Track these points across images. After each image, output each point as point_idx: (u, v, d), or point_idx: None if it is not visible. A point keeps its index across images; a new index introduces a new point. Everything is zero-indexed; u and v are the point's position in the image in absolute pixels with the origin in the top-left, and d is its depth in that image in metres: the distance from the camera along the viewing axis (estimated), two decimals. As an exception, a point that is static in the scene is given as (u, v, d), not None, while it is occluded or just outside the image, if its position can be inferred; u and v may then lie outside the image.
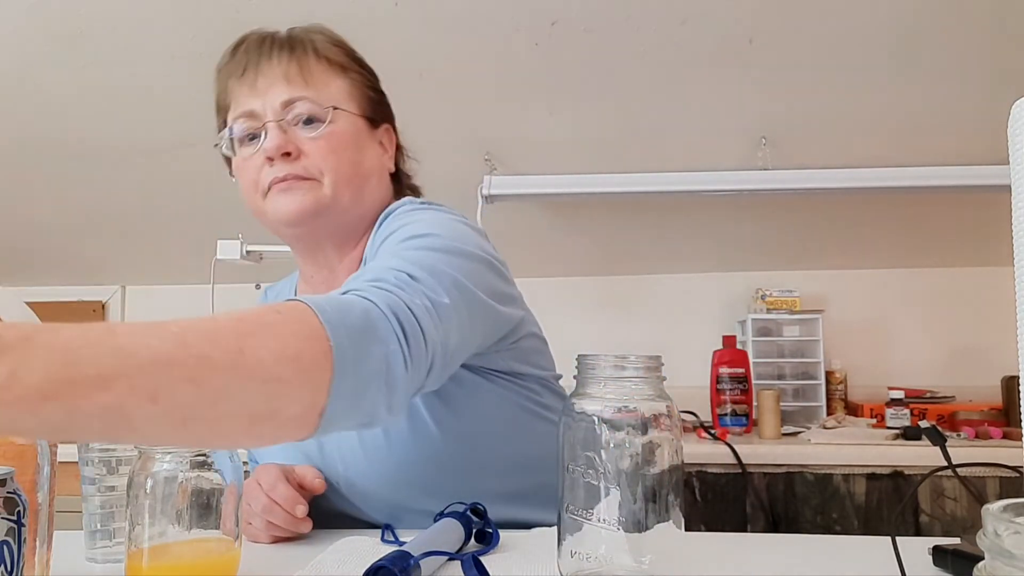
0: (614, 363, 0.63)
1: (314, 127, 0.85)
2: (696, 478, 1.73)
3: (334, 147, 0.85)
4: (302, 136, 0.84)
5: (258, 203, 0.87)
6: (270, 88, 0.85)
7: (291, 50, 0.87)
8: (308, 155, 0.84)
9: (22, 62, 1.86)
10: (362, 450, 0.85)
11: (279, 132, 0.83)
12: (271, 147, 0.83)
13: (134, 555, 0.61)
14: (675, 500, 0.63)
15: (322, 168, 0.84)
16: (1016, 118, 0.49)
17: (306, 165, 0.84)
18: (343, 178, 0.85)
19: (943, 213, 2.16)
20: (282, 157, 0.83)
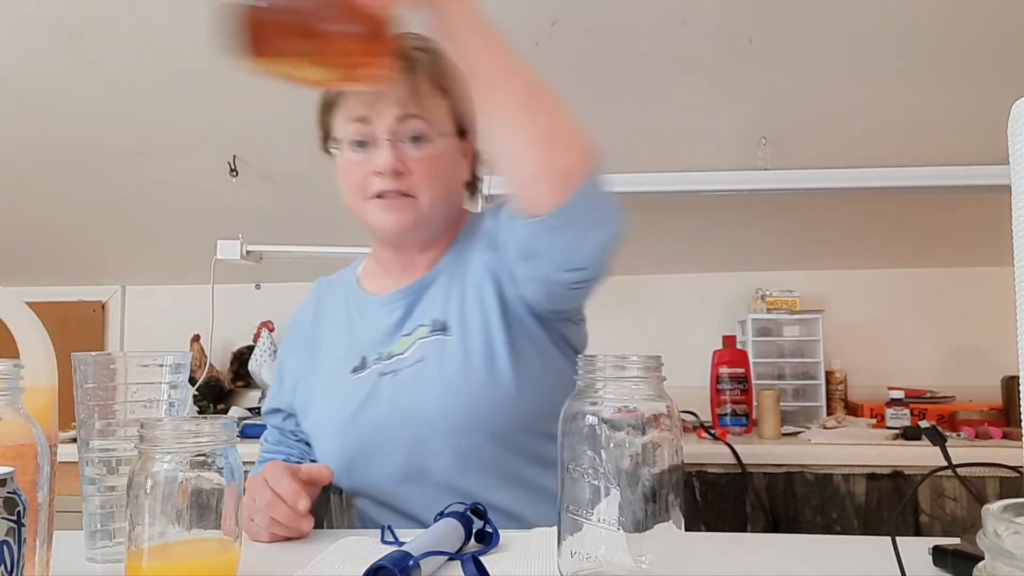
0: (614, 363, 0.63)
1: (420, 146, 0.94)
2: (696, 478, 1.73)
3: (435, 167, 0.95)
4: (409, 154, 0.94)
5: (359, 204, 0.96)
6: (387, 105, 0.93)
7: (409, 70, 0.94)
8: (412, 173, 0.94)
9: (22, 62, 1.86)
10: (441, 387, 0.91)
11: (391, 150, 0.92)
12: (384, 165, 0.92)
13: (134, 555, 0.61)
14: (675, 500, 0.63)
15: (422, 187, 0.94)
16: (1016, 118, 0.49)
17: (409, 183, 0.94)
18: (438, 196, 0.96)
19: (943, 213, 2.16)
20: (391, 173, 0.93)
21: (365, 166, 0.94)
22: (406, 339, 0.97)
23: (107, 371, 0.74)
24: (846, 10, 1.68)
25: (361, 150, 0.95)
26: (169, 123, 2.03)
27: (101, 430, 0.74)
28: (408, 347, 0.96)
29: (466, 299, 0.96)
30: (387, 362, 0.97)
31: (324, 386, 1.01)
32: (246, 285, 2.57)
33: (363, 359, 0.99)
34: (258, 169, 2.15)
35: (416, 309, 0.99)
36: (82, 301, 2.67)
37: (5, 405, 0.58)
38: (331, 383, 1.00)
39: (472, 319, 0.94)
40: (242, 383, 2.50)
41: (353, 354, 1.00)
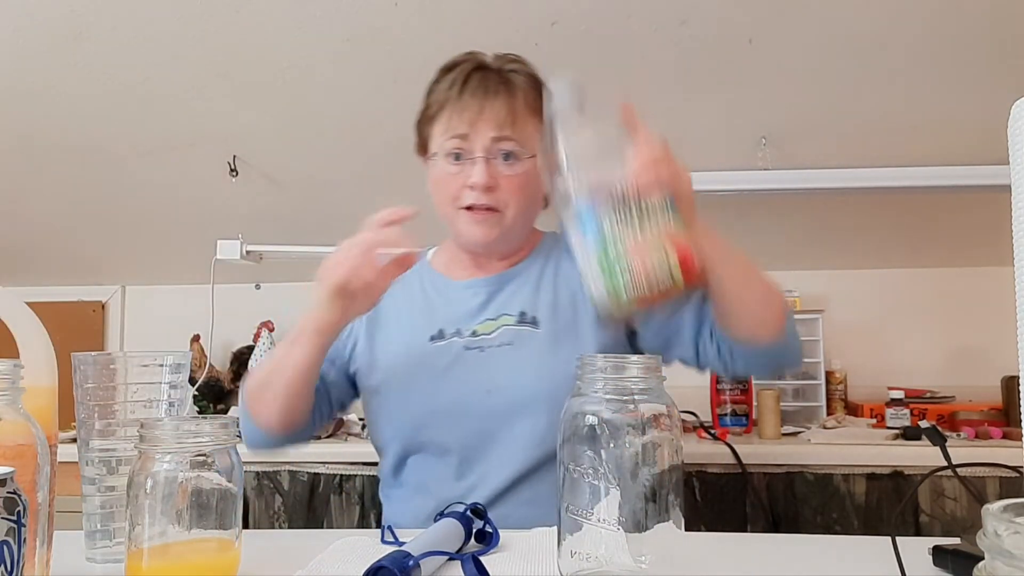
0: (614, 363, 0.63)
1: (511, 164, 1.03)
2: (696, 478, 1.73)
3: (522, 185, 1.04)
4: (501, 171, 1.03)
5: (450, 212, 1.06)
6: (486, 125, 1.02)
7: (508, 92, 1.04)
8: (501, 188, 1.03)
9: (22, 62, 1.86)
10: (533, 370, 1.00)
11: (486, 167, 1.02)
12: (478, 181, 1.01)
13: (134, 555, 0.61)
14: (675, 500, 0.63)
15: (509, 202, 1.04)
16: (1016, 118, 0.49)
17: (498, 197, 1.03)
18: (521, 212, 1.05)
19: (943, 213, 2.16)
20: (484, 189, 1.02)
21: (459, 179, 1.03)
22: (491, 322, 1.06)
23: (107, 371, 0.74)
24: (846, 11, 1.68)
25: (456, 163, 1.04)
26: (169, 123, 2.03)
27: (101, 430, 0.74)
28: (494, 330, 1.05)
29: (558, 302, 1.06)
30: (471, 339, 1.04)
31: (397, 347, 1.07)
32: (246, 285, 2.57)
33: (441, 330, 1.06)
34: (258, 169, 2.15)
35: (498, 297, 1.08)
36: (82, 301, 2.67)
37: (5, 405, 0.58)
38: (407, 346, 1.06)
39: (563, 320, 1.04)
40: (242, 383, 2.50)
41: (431, 325, 1.07)
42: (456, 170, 1.04)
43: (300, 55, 1.83)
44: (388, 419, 1.05)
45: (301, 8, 1.71)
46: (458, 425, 1.00)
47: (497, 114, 1.02)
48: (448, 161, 1.04)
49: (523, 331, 1.04)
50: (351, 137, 2.05)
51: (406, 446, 1.04)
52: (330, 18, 1.73)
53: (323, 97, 1.94)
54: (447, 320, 1.07)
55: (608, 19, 1.72)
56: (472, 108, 1.03)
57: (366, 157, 2.10)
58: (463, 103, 1.03)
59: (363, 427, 2.03)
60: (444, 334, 1.06)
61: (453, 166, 1.04)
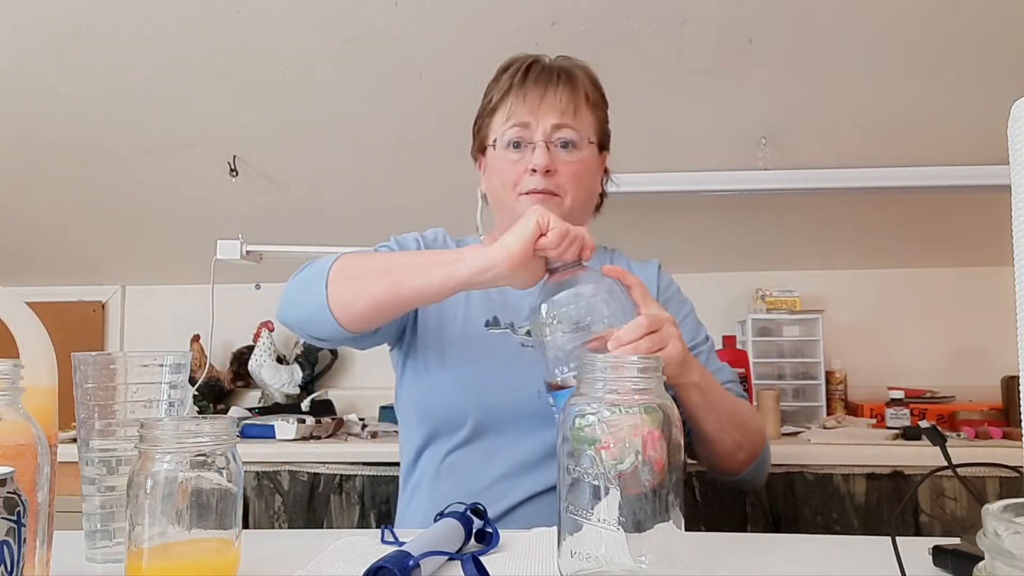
0: (614, 363, 0.63)
1: (570, 151, 1.05)
2: (696, 478, 1.73)
3: (580, 172, 1.06)
4: (560, 157, 1.05)
5: (510, 198, 1.06)
6: (548, 112, 1.04)
7: (569, 82, 1.07)
8: (560, 174, 1.05)
9: (22, 62, 1.86)
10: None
11: (546, 151, 1.03)
12: (540, 164, 1.03)
13: (134, 555, 0.61)
14: (675, 500, 0.63)
15: (568, 187, 1.05)
16: (1016, 118, 0.49)
17: (558, 182, 1.05)
18: (579, 199, 1.07)
19: (943, 213, 2.16)
20: (544, 172, 1.03)
21: (520, 164, 1.05)
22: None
23: (107, 371, 0.74)
24: (846, 10, 1.68)
25: (516, 150, 1.06)
26: (169, 123, 2.03)
27: (101, 430, 0.74)
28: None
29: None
30: (526, 338, 1.06)
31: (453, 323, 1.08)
32: (246, 285, 2.57)
33: (495, 318, 1.08)
34: (258, 169, 2.15)
35: None
36: (82, 301, 2.67)
37: (5, 405, 0.58)
38: (463, 326, 1.07)
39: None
40: (242, 383, 2.50)
41: (487, 310, 1.08)
42: (516, 157, 1.05)
43: (300, 55, 1.83)
44: (433, 397, 1.05)
45: (301, 8, 1.71)
46: (502, 419, 1.01)
47: (559, 102, 1.04)
48: (508, 149, 1.06)
49: None
50: (351, 137, 2.05)
51: (438, 427, 1.04)
52: (330, 18, 1.73)
53: (323, 97, 1.94)
54: (502, 310, 1.08)
55: (608, 19, 1.72)
56: (534, 95, 1.04)
57: (366, 157, 2.10)
58: (525, 90, 1.05)
59: (363, 427, 2.03)
60: (499, 322, 1.07)
61: (513, 153, 1.06)
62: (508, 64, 1.12)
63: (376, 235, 2.02)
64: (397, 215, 2.23)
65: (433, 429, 1.05)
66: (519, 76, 1.07)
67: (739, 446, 1.02)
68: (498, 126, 1.08)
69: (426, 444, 1.07)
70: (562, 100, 1.04)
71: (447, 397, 1.04)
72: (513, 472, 1.00)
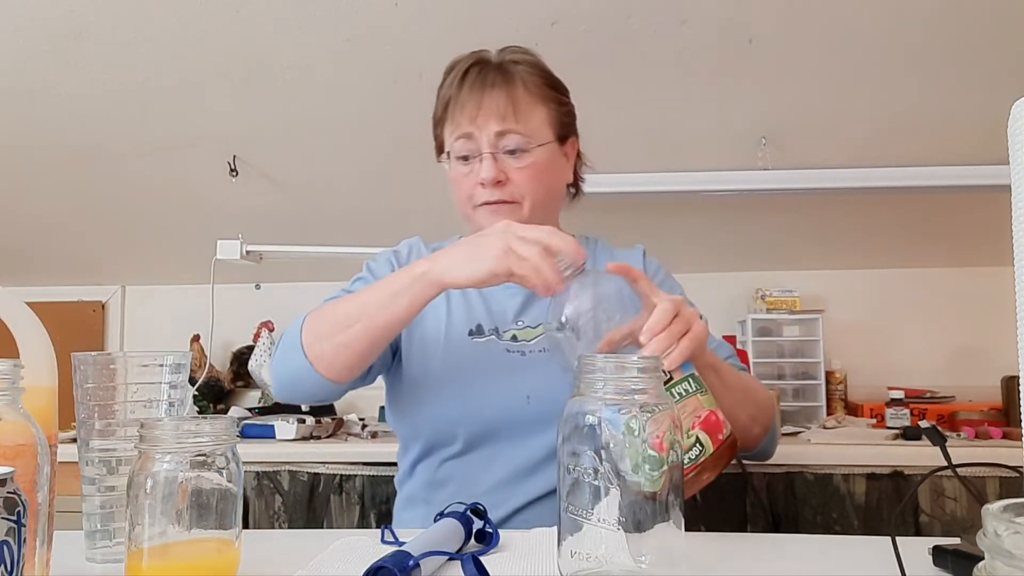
0: (614, 363, 0.63)
1: (519, 157, 1.02)
2: (696, 478, 1.73)
3: (535, 175, 1.03)
4: (510, 165, 1.02)
5: (468, 211, 1.05)
6: (487, 120, 1.01)
7: (505, 83, 1.02)
8: (514, 182, 1.02)
9: (22, 62, 1.86)
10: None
11: (492, 163, 1.01)
12: (488, 178, 1.00)
13: (134, 555, 0.61)
14: (675, 500, 0.63)
15: (524, 193, 1.03)
16: (1016, 118, 0.49)
17: (511, 191, 1.02)
18: (539, 202, 1.04)
19: (943, 213, 2.16)
20: (493, 184, 1.01)
21: (471, 178, 1.03)
22: (531, 330, 1.05)
23: (107, 371, 0.74)
24: (846, 11, 1.68)
25: (466, 163, 1.04)
26: (169, 123, 2.03)
27: (101, 430, 0.74)
28: (533, 337, 1.04)
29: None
30: (511, 343, 1.04)
31: (435, 335, 1.05)
32: (246, 285, 2.57)
33: (479, 325, 1.05)
34: (258, 169, 2.15)
35: (536, 303, 1.06)
36: (82, 301, 2.67)
37: (5, 405, 0.58)
38: (446, 336, 1.05)
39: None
40: (242, 383, 2.50)
41: (469, 318, 1.06)
42: (466, 170, 1.04)
43: (300, 55, 1.83)
44: (421, 412, 1.04)
45: (301, 8, 1.71)
46: (495, 428, 0.99)
47: (496, 107, 1.00)
48: (459, 163, 1.04)
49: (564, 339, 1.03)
50: (351, 137, 2.05)
51: (431, 441, 1.03)
52: (330, 18, 1.73)
53: (323, 97, 1.94)
54: (485, 316, 1.06)
55: (608, 19, 1.72)
56: (471, 104, 1.01)
57: (366, 157, 2.10)
58: (462, 100, 1.02)
59: (363, 427, 2.03)
60: (483, 330, 1.05)
61: (463, 166, 1.04)
62: (452, 66, 1.08)
63: (376, 235, 2.03)
64: (397, 215, 2.23)
65: (426, 444, 1.04)
66: (457, 83, 1.04)
67: (754, 420, 1.01)
68: (447, 137, 1.06)
69: (420, 457, 1.05)
70: (499, 105, 1.01)
71: (436, 412, 1.02)
72: (510, 479, 0.99)
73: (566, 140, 1.10)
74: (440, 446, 1.03)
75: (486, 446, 1.00)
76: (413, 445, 1.06)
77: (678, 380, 0.78)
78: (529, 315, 1.06)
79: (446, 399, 1.01)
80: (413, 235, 1.19)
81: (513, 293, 1.06)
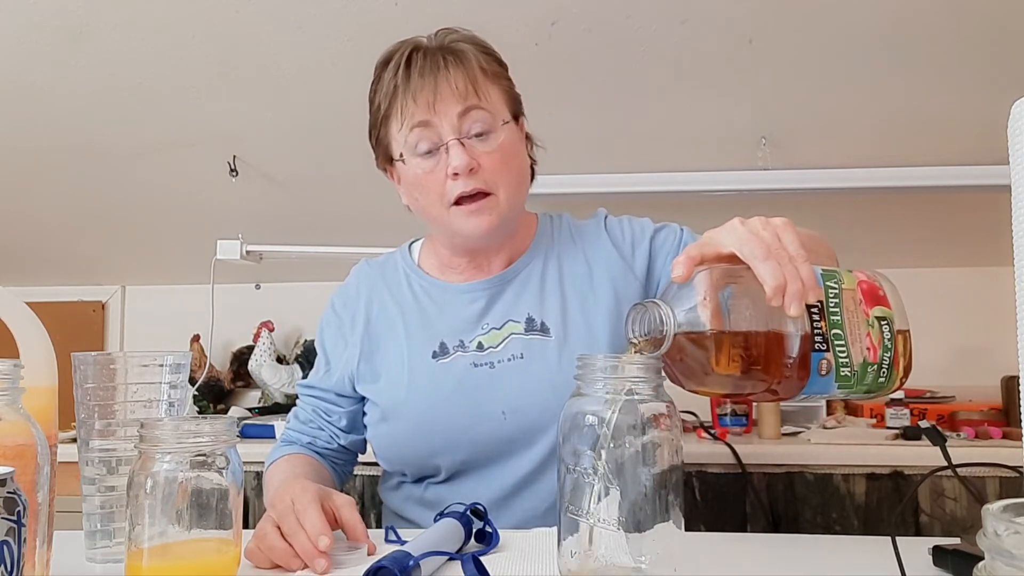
0: (614, 363, 0.63)
1: (486, 140, 0.94)
2: (696, 478, 1.73)
3: (505, 159, 0.95)
4: (478, 150, 0.93)
5: (441, 213, 0.95)
6: (446, 104, 0.92)
7: (459, 63, 0.94)
8: (485, 168, 0.93)
9: (22, 62, 1.86)
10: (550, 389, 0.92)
11: (461, 148, 0.91)
12: (460, 165, 0.91)
13: (134, 555, 0.61)
14: (675, 500, 0.63)
15: (498, 181, 0.94)
16: (1016, 118, 0.49)
17: (485, 178, 0.93)
18: (513, 188, 0.96)
19: (943, 213, 2.16)
20: (467, 172, 0.92)
21: (437, 173, 0.93)
22: (496, 332, 0.98)
23: (107, 371, 0.74)
24: (846, 10, 1.67)
25: (430, 157, 0.94)
26: (169, 123, 2.03)
27: (101, 430, 0.74)
28: (500, 341, 0.97)
29: (567, 304, 0.99)
30: (478, 353, 0.97)
31: (398, 368, 0.98)
32: (246, 285, 2.57)
33: (442, 344, 0.98)
34: (258, 169, 2.15)
35: (499, 301, 1.00)
36: (82, 301, 2.67)
37: (5, 405, 0.58)
38: (408, 366, 0.98)
39: (575, 325, 0.97)
40: (242, 383, 2.50)
41: (430, 338, 0.99)
42: (430, 165, 0.93)
43: (300, 55, 1.83)
44: (396, 448, 0.99)
45: (301, 8, 1.71)
46: (475, 453, 0.94)
47: (455, 88, 0.91)
48: (419, 159, 0.94)
49: (533, 340, 0.96)
50: (351, 137, 2.04)
51: (415, 474, 0.99)
52: (330, 18, 1.73)
53: (323, 97, 1.94)
54: (447, 331, 0.99)
55: (608, 19, 1.72)
56: (425, 89, 0.92)
57: (366, 157, 2.09)
58: (412, 88, 0.92)
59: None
60: (447, 349, 0.98)
61: (426, 161, 0.94)
62: (386, 59, 0.99)
63: (376, 235, 2.03)
64: (397, 215, 2.23)
65: (409, 476, 1.00)
66: (402, 73, 0.94)
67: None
68: (397, 134, 0.95)
69: (405, 482, 1.02)
70: (458, 85, 0.91)
71: (413, 450, 0.97)
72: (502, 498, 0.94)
73: (518, 119, 1.02)
74: (424, 477, 0.99)
75: (471, 472, 0.96)
76: (395, 479, 1.04)
77: (827, 295, 0.68)
78: (493, 316, 0.99)
79: (422, 436, 0.95)
80: (412, 235, 1.19)
81: (473, 298, 1.01)
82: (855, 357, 0.66)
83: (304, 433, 1.06)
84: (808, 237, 0.82)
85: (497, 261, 1.04)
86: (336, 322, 1.07)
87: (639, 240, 1.06)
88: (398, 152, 0.97)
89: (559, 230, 1.08)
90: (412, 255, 1.11)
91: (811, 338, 0.63)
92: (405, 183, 0.99)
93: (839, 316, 0.66)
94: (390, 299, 1.05)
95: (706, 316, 0.62)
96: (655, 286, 1.03)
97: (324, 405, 1.06)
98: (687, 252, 0.66)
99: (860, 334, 0.67)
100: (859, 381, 0.66)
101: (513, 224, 1.01)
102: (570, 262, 1.03)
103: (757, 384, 0.63)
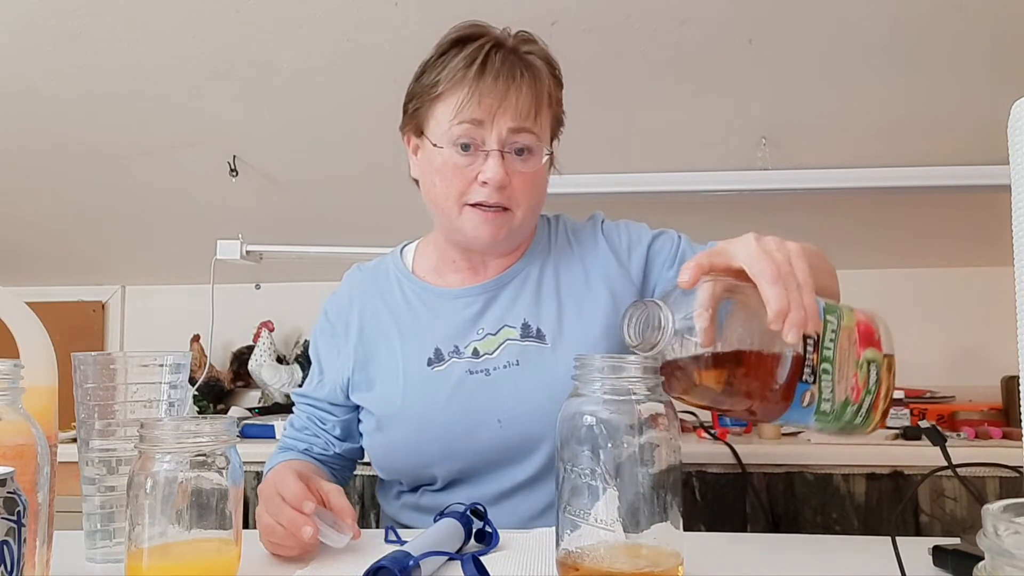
0: (613, 363, 0.63)
1: (526, 160, 0.94)
2: (696, 478, 1.73)
3: (535, 183, 0.96)
4: (515, 167, 0.93)
5: (452, 206, 0.95)
6: (504, 116, 0.92)
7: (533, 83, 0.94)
8: (514, 185, 0.93)
9: (22, 62, 1.86)
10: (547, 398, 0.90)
11: (501, 162, 0.92)
12: (494, 178, 0.91)
13: (134, 555, 0.61)
14: (673, 500, 0.63)
15: (520, 201, 0.95)
16: (1016, 118, 0.49)
17: (510, 196, 0.94)
18: (531, 209, 0.97)
19: (943, 213, 2.16)
20: (498, 186, 0.92)
21: (468, 171, 0.93)
22: (492, 338, 0.97)
23: (107, 371, 0.74)
24: (846, 10, 1.67)
25: (465, 154, 0.93)
26: (169, 123, 2.03)
27: (101, 430, 0.74)
28: (496, 347, 0.96)
29: (564, 309, 0.98)
30: (474, 360, 0.96)
31: (392, 376, 0.98)
32: (246, 285, 2.57)
33: (437, 351, 0.97)
34: (258, 169, 2.15)
35: (494, 306, 0.99)
36: (82, 301, 2.66)
37: (5, 405, 0.58)
38: (403, 374, 0.97)
39: (571, 330, 0.96)
40: (242, 383, 2.50)
41: (424, 345, 0.98)
42: (465, 162, 0.93)
43: (300, 55, 1.83)
44: (392, 458, 0.99)
45: (301, 8, 1.71)
46: (471, 462, 0.94)
47: (520, 104, 0.91)
48: (455, 150, 0.93)
49: (529, 347, 0.95)
50: (351, 137, 2.05)
51: (412, 482, 0.99)
52: (330, 18, 1.73)
53: (323, 97, 1.94)
54: (441, 337, 0.98)
55: (608, 19, 1.72)
56: (494, 95, 0.91)
57: (366, 157, 2.10)
58: (483, 87, 0.91)
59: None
60: (442, 355, 0.97)
61: (462, 157, 0.93)
62: (461, 40, 0.97)
63: (376, 235, 2.03)
64: (397, 215, 2.23)
65: (406, 484, 1.00)
66: (477, 67, 0.92)
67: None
68: (443, 118, 0.93)
69: (403, 491, 1.02)
70: (523, 103, 0.92)
71: (408, 459, 0.97)
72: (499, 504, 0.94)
73: (552, 142, 1.02)
74: (420, 485, 0.99)
75: (467, 480, 0.96)
76: (393, 488, 1.04)
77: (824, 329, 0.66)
78: (488, 320, 0.99)
79: (418, 445, 0.95)
80: (412, 235, 1.18)
81: (468, 302, 1.00)
82: (838, 395, 0.67)
83: (300, 440, 1.07)
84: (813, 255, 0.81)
85: (493, 264, 1.03)
86: (329, 330, 1.07)
87: (636, 245, 1.06)
88: (435, 135, 0.95)
89: (556, 233, 1.08)
90: (404, 260, 1.10)
91: (800, 368, 0.64)
92: (428, 165, 0.97)
93: (832, 352, 0.67)
94: (383, 306, 1.04)
95: (702, 326, 0.62)
96: (651, 292, 1.03)
97: (318, 413, 1.06)
98: (697, 259, 0.66)
99: (848, 373, 0.68)
100: (837, 418, 0.67)
101: (518, 239, 1.02)
102: (567, 266, 1.02)
103: (738, 402, 0.64)
